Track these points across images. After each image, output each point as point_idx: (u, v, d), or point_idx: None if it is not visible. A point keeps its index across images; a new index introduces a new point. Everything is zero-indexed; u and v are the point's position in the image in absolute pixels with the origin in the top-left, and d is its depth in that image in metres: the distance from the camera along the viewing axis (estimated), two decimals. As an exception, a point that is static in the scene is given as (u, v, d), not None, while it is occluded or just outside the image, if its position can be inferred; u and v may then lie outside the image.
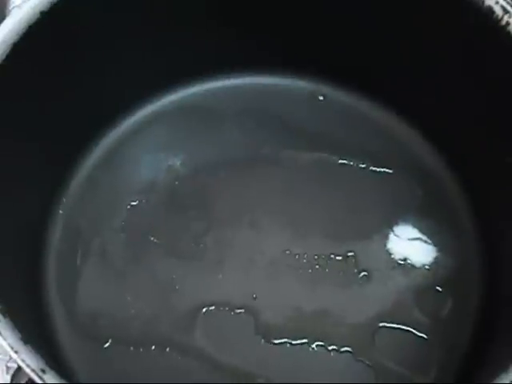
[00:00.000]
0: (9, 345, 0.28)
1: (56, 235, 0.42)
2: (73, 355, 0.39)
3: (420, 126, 0.45)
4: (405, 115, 0.45)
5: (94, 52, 0.40)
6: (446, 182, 0.43)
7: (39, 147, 0.40)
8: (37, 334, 0.37)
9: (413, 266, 0.41)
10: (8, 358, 0.39)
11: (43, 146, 0.41)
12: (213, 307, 0.40)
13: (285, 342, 0.39)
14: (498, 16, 0.35)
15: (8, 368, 0.39)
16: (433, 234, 0.42)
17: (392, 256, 0.42)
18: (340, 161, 0.44)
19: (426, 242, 0.42)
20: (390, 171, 0.44)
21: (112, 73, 0.42)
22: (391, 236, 0.42)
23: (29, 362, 0.28)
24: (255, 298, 0.41)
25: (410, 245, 0.42)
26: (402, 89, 0.44)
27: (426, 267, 0.41)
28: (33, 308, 0.39)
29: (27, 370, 0.28)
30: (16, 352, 0.28)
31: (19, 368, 0.37)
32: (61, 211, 0.43)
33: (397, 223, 0.43)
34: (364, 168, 0.44)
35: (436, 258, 0.42)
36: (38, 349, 0.28)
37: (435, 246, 0.42)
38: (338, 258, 0.41)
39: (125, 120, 0.45)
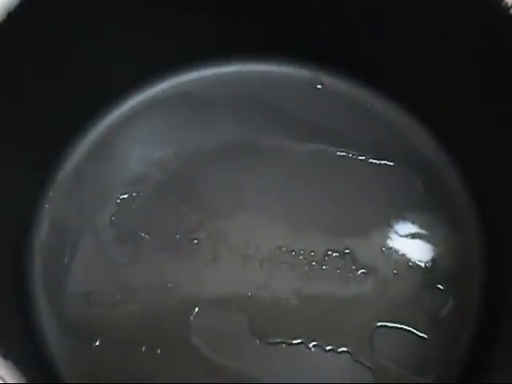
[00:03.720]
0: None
1: (42, 231, 0.41)
2: (60, 355, 0.38)
3: (422, 116, 0.43)
4: (407, 105, 0.43)
5: (78, 40, 0.38)
6: (449, 176, 0.42)
7: (24, 139, 0.39)
8: (21, 336, 0.36)
9: (412, 264, 0.40)
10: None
11: (28, 137, 0.39)
12: (206, 306, 0.39)
13: (280, 342, 0.38)
14: (507, 4, 0.33)
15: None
16: (433, 229, 0.41)
17: (391, 253, 0.40)
18: (338, 152, 0.43)
19: (426, 238, 0.41)
20: (391, 164, 0.42)
21: (99, 62, 0.40)
22: (390, 232, 0.41)
23: (9, 379, 0.26)
24: (250, 296, 0.39)
25: (409, 241, 0.41)
26: (404, 78, 0.43)
27: (426, 264, 0.40)
28: (17, 309, 0.38)
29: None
30: (-6, 369, 0.26)
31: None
32: (47, 205, 0.41)
33: (396, 218, 0.41)
34: (363, 160, 0.43)
35: (436, 255, 0.40)
36: (20, 363, 0.27)
37: (436, 242, 0.41)
38: (335, 254, 0.40)
39: (114, 110, 0.43)
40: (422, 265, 0.40)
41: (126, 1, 0.39)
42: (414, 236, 0.41)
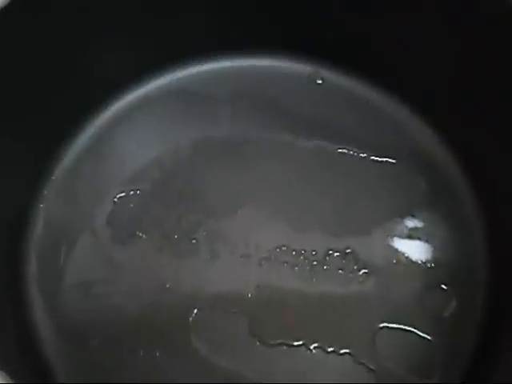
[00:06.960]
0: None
1: (37, 231, 0.40)
2: (55, 355, 0.38)
3: (424, 112, 0.42)
4: (409, 101, 0.43)
5: (74, 36, 0.37)
6: (452, 174, 0.41)
7: (18, 135, 0.38)
8: (15, 336, 0.35)
9: (415, 263, 0.39)
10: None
11: (23, 133, 0.38)
12: (206, 307, 0.38)
13: (281, 344, 0.38)
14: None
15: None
16: (436, 228, 0.40)
17: (393, 252, 0.40)
18: (339, 149, 0.42)
19: (429, 237, 0.40)
20: (393, 161, 0.42)
21: (95, 59, 0.40)
22: (393, 231, 0.40)
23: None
24: (250, 297, 0.38)
25: (412, 240, 0.40)
26: (405, 73, 0.42)
27: (429, 264, 0.39)
28: (12, 310, 0.37)
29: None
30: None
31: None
32: (42, 204, 0.41)
33: (399, 217, 0.40)
34: (365, 157, 0.42)
35: (440, 255, 0.40)
36: (14, 363, 0.26)
37: (439, 241, 0.40)
38: (336, 254, 0.39)
39: (111, 106, 0.42)
40: (425, 264, 0.39)
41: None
42: (416, 235, 0.40)
